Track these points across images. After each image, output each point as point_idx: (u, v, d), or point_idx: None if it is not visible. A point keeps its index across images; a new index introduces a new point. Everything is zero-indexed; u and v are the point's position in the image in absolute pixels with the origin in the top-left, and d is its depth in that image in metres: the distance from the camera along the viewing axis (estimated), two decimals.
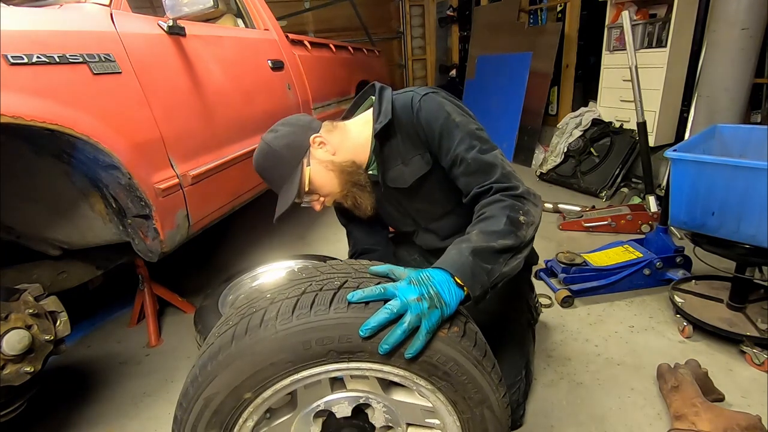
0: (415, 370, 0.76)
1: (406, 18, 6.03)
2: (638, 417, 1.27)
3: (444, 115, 1.07)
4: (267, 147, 1.16)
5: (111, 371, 1.62)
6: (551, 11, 4.26)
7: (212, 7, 1.50)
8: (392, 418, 0.84)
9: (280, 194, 1.18)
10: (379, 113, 1.13)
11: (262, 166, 1.18)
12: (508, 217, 0.92)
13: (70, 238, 1.44)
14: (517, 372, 1.24)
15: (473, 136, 1.05)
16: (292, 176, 1.15)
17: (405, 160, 1.16)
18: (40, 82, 1.08)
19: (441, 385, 0.78)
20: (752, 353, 1.42)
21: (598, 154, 3.25)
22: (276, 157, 1.15)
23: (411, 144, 1.14)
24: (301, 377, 0.75)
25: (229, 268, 2.28)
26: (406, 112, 1.12)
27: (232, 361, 0.73)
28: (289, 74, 2.37)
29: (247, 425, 0.79)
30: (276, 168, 1.16)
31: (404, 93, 1.16)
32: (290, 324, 0.72)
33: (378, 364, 0.75)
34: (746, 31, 2.17)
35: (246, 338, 0.73)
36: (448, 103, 1.11)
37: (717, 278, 1.76)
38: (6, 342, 1.03)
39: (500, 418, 0.84)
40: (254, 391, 0.75)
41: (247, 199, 2.02)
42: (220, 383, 0.74)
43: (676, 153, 1.50)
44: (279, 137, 1.16)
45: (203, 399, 0.75)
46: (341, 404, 0.82)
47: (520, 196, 0.98)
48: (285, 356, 0.73)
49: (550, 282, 1.97)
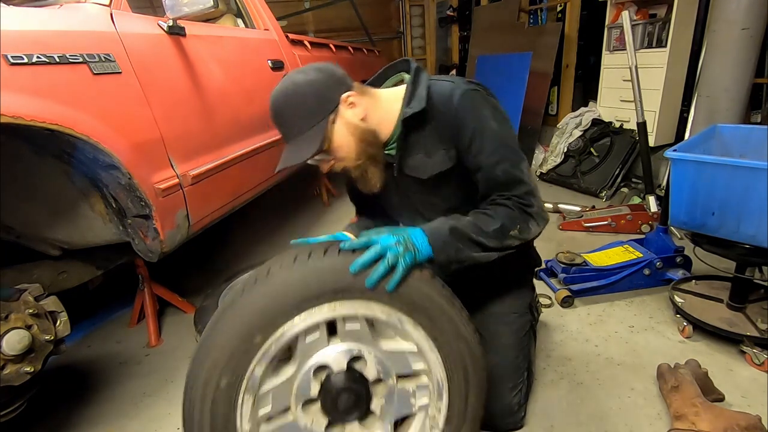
0: (397, 306, 0.90)
1: (406, 18, 6.03)
2: (638, 417, 1.27)
3: (482, 118, 1.04)
4: (294, 88, 1.03)
5: (111, 371, 1.62)
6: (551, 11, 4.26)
7: (212, 7, 1.50)
8: (383, 369, 0.93)
9: (292, 144, 1.06)
10: (411, 96, 1.08)
11: (281, 107, 1.05)
12: (503, 225, 1.02)
13: (70, 238, 1.44)
14: (520, 374, 1.24)
15: (506, 147, 1.05)
16: (314, 130, 1.03)
17: (429, 152, 1.11)
18: (40, 82, 1.08)
19: (421, 320, 0.92)
20: (752, 353, 1.42)
21: (598, 154, 3.25)
22: (301, 103, 1.03)
23: (438, 136, 1.10)
24: (303, 319, 0.87)
25: (229, 268, 2.28)
26: (443, 104, 1.07)
27: (243, 305, 0.86)
28: None
29: (256, 373, 0.87)
30: (297, 114, 1.04)
31: (443, 82, 1.10)
32: (292, 270, 0.87)
33: (366, 301, 0.89)
34: (746, 31, 2.17)
35: (255, 286, 0.87)
36: (488, 104, 1.07)
37: (717, 278, 1.76)
38: (6, 342, 1.03)
39: (475, 351, 0.97)
40: (263, 332, 0.86)
41: (247, 199, 2.02)
42: (233, 328, 0.86)
43: (676, 153, 1.50)
44: (310, 82, 1.03)
45: (218, 347, 0.85)
46: (337, 358, 0.90)
47: (530, 214, 1.05)
48: (289, 296, 0.86)
49: (550, 282, 1.97)
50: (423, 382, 0.97)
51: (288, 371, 0.91)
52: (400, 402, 0.96)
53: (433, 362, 0.94)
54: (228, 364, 0.85)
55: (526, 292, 1.38)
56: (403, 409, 0.96)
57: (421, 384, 0.97)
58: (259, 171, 2.05)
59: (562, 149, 3.45)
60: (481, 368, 0.98)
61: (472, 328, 0.97)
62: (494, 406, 1.20)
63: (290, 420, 0.92)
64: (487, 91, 1.10)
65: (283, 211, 3.23)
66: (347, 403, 0.91)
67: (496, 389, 1.20)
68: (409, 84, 1.10)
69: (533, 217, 1.05)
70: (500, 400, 1.20)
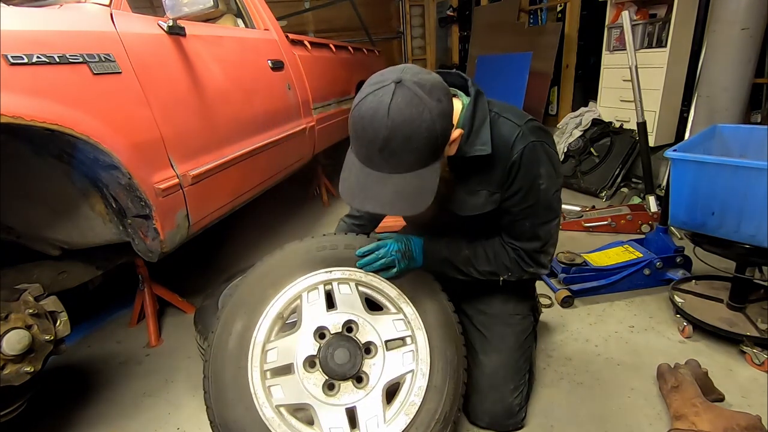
0: None
1: (406, 18, 6.03)
2: (638, 417, 1.27)
3: (535, 176, 1.01)
4: (429, 119, 0.83)
5: (111, 371, 1.62)
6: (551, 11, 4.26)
7: (212, 7, 1.50)
8: (372, 335, 1.11)
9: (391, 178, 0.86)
10: (471, 129, 0.99)
11: (402, 132, 0.82)
12: (494, 272, 1.15)
13: (70, 238, 1.44)
14: (521, 376, 1.24)
15: (545, 206, 1.06)
16: (428, 170, 0.88)
17: (471, 189, 1.07)
18: (40, 82, 1.08)
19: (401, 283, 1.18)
20: (752, 353, 1.42)
21: (598, 154, 3.25)
22: (428, 135, 0.84)
23: (486, 177, 1.04)
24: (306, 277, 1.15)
25: (229, 268, 2.28)
26: (502, 149, 1.01)
27: (260, 268, 1.19)
28: (289, 74, 2.37)
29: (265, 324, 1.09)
30: (417, 148, 0.84)
31: (506, 121, 1.02)
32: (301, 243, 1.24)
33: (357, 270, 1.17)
34: (746, 31, 2.17)
35: (272, 255, 1.22)
36: (546, 160, 1.02)
37: (717, 278, 1.76)
38: (6, 342, 1.03)
39: (447, 306, 1.19)
40: (274, 287, 1.14)
41: (248, 199, 2.02)
42: (251, 283, 1.16)
43: (676, 153, 1.50)
44: (443, 113, 0.85)
45: (237, 297, 1.13)
46: (334, 322, 1.12)
47: (525, 271, 1.14)
48: (297, 260, 1.18)
49: (550, 282, 1.97)
50: (409, 348, 1.13)
51: (292, 334, 1.10)
52: (390, 365, 1.09)
53: (410, 315, 1.14)
54: (245, 309, 1.10)
55: (528, 293, 1.38)
56: (392, 372, 1.09)
57: (406, 350, 1.12)
58: (259, 171, 2.05)
59: (562, 149, 3.45)
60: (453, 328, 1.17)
61: (440, 287, 1.20)
62: (495, 408, 1.20)
63: (293, 376, 1.06)
64: (547, 137, 1.05)
65: (283, 211, 3.23)
66: (342, 358, 1.05)
67: (497, 390, 1.21)
68: (468, 111, 1.01)
69: (527, 273, 1.15)
70: (501, 402, 1.20)
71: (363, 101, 0.85)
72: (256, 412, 0.99)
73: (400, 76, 0.84)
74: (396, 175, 0.86)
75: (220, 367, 1.04)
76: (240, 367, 1.04)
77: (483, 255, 1.15)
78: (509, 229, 1.13)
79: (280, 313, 1.12)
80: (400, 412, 1.04)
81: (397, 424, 1.03)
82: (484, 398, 1.22)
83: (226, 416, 0.99)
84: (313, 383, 1.05)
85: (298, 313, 1.14)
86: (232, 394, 1.01)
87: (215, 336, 1.08)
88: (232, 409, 0.99)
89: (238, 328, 1.08)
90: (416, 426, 1.03)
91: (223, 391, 1.01)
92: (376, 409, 1.04)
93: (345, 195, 0.90)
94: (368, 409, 1.04)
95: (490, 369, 1.23)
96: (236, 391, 1.01)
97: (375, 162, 0.86)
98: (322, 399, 1.04)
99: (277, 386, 1.05)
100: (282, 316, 1.13)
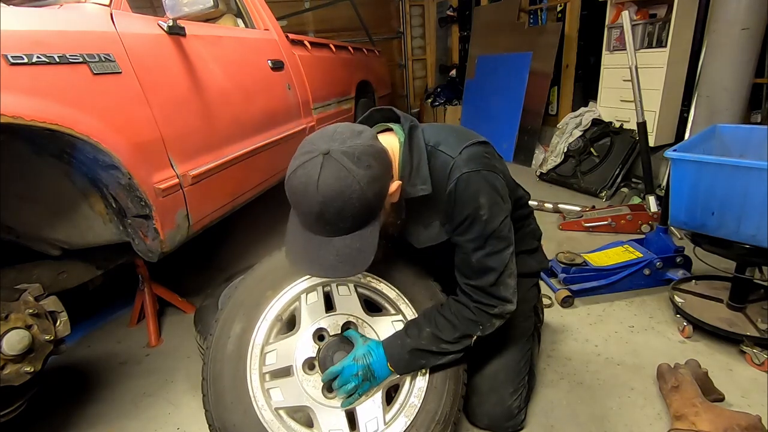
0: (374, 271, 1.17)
1: (406, 18, 6.02)
2: (638, 417, 1.27)
3: (474, 206, 1.00)
4: (358, 189, 0.85)
5: (111, 371, 1.62)
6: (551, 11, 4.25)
7: (212, 7, 1.50)
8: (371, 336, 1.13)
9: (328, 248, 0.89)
10: (411, 169, 1.01)
11: (334, 204, 0.84)
12: (464, 334, 1.07)
13: (70, 238, 1.44)
14: (521, 378, 1.24)
15: (491, 237, 1.02)
16: (362, 232, 0.90)
17: (425, 223, 1.10)
18: (40, 82, 1.08)
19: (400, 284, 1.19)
20: (752, 353, 1.42)
21: (598, 154, 3.25)
22: (363, 206, 0.87)
23: (434, 210, 1.07)
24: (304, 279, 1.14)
25: (229, 268, 2.28)
26: (439, 183, 1.02)
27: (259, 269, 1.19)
28: (289, 74, 2.37)
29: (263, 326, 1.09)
30: (353, 214, 0.87)
31: (441, 154, 1.02)
32: None
33: None
34: (746, 31, 2.17)
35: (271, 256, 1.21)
36: (486, 188, 1.01)
37: (717, 278, 1.76)
38: (6, 342, 1.03)
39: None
40: (273, 288, 1.13)
41: (248, 199, 2.02)
42: (250, 284, 1.15)
43: (676, 153, 1.50)
44: (373, 179, 0.87)
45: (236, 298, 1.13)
46: (332, 323, 1.12)
47: (492, 315, 1.07)
48: None
49: (550, 282, 1.97)
50: None
51: (291, 336, 1.10)
52: None
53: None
54: (243, 311, 1.10)
55: (531, 294, 1.37)
56: None
57: None
58: (259, 171, 2.05)
59: (562, 149, 3.45)
60: None
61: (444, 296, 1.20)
62: (494, 410, 1.20)
63: (292, 378, 1.05)
64: (486, 164, 1.02)
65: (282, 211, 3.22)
66: (341, 360, 1.04)
67: (496, 393, 1.20)
68: (405, 149, 1.02)
69: (495, 316, 1.08)
70: (500, 404, 1.20)
71: (294, 174, 0.88)
72: (254, 414, 0.99)
73: (328, 146, 0.86)
74: (336, 238, 0.89)
75: (218, 369, 1.04)
76: (239, 370, 1.03)
77: (444, 322, 1.07)
78: (462, 267, 1.08)
79: (279, 315, 1.12)
80: (400, 414, 1.05)
81: (397, 426, 1.02)
82: (483, 400, 1.22)
83: (225, 419, 0.99)
84: (313, 385, 1.05)
85: (297, 315, 1.13)
86: (231, 397, 1.01)
87: (214, 338, 1.08)
88: (231, 412, 0.99)
89: (237, 331, 1.08)
90: (416, 427, 1.03)
91: (222, 394, 1.01)
92: (375, 411, 1.04)
93: (291, 260, 0.95)
94: (368, 410, 1.04)
95: (489, 371, 1.23)
96: (235, 394, 1.01)
97: (314, 228, 0.90)
98: (322, 401, 1.04)
99: (276, 389, 1.04)
100: (281, 318, 1.13)
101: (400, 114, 1.09)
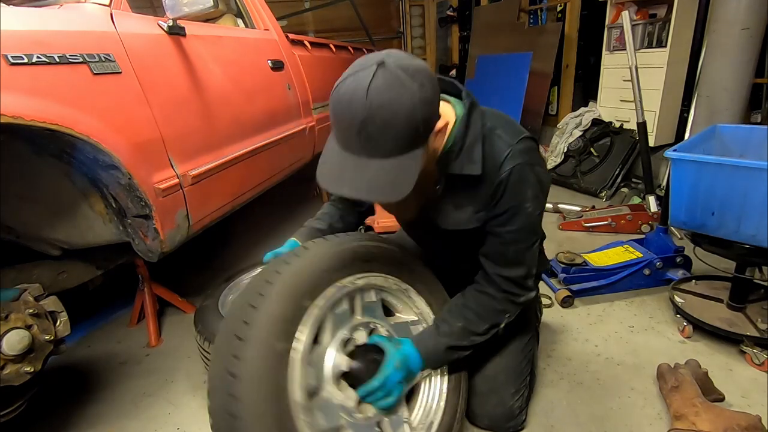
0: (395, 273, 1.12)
1: (406, 18, 6.02)
2: (638, 417, 1.27)
3: (522, 199, 0.99)
4: (409, 104, 0.78)
5: (111, 371, 1.62)
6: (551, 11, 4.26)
7: (212, 7, 1.50)
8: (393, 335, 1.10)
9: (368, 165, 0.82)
10: (462, 146, 0.97)
11: (380, 114, 0.77)
12: (492, 325, 1.10)
13: (70, 238, 1.44)
14: (522, 379, 1.24)
15: (529, 230, 1.03)
16: (409, 157, 0.83)
17: (458, 204, 1.05)
18: (40, 82, 1.08)
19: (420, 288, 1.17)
20: (752, 353, 1.42)
21: (598, 154, 3.25)
22: (409, 118, 0.79)
23: (473, 194, 1.02)
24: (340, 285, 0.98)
25: (229, 268, 2.28)
26: (491, 169, 0.98)
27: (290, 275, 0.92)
28: (289, 74, 2.37)
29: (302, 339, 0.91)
30: (398, 132, 0.80)
31: (498, 139, 0.99)
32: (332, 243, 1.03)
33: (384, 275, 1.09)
34: (746, 31, 2.17)
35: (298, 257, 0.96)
36: (534, 181, 0.99)
37: (717, 278, 1.76)
38: (6, 342, 1.03)
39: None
40: (311, 296, 0.93)
41: (248, 199, 2.02)
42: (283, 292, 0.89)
43: (676, 153, 1.50)
44: (425, 101, 0.81)
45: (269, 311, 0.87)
46: (359, 331, 1.03)
47: (518, 304, 1.11)
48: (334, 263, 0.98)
49: (550, 282, 1.97)
50: None
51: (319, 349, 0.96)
52: None
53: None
54: (281, 327, 0.87)
55: None
56: None
57: None
58: (259, 171, 2.05)
59: (562, 149, 3.45)
60: None
61: None
62: (495, 411, 1.20)
63: (324, 396, 0.93)
64: (538, 158, 1.03)
65: (282, 211, 3.23)
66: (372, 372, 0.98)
67: (497, 394, 1.20)
68: (461, 127, 0.97)
69: (521, 305, 1.12)
70: (501, 405, 1.20)
71: (343, 83, 0.82)
72: None
73: (383, 58, 0.80)
74: (374, 161, 0.82)
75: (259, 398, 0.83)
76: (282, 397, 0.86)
77: (473, 316, 1.08)
78: (496, 257, 1.07)
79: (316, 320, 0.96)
80: (426, 416, 1.10)
81: (423, 427, 1.07)
82: (484, 401, 1.22)
83: None
84: (345, 401, 0.96)
85: (323, 325, 0.98)
86: None
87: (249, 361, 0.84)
88: None
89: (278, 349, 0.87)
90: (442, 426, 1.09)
91: None
92: (402, 416, 1.05)
93: (321, 179, 0.86)
94: (395, 418, 1.04)
95: (490, 372, 1.23)
96: None
97: (353, 146, 0.82)
98: (355, 417, 0.95)
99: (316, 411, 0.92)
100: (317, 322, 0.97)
101: (462, 89, 1.03)
